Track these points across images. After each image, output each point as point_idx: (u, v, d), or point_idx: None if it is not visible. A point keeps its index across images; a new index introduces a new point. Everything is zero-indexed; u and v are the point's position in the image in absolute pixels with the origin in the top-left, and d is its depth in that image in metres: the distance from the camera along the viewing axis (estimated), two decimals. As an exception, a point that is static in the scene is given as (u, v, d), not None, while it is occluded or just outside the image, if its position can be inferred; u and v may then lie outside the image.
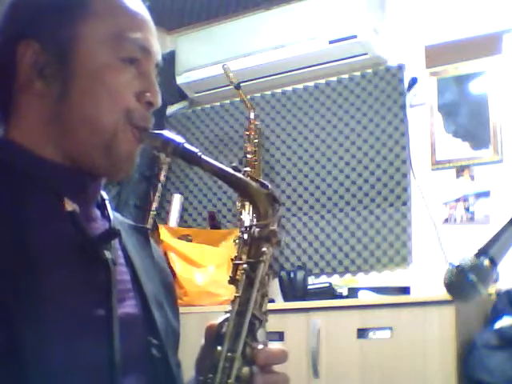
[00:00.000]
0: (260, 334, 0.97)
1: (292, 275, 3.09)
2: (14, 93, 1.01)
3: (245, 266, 1.00)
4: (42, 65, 0.98)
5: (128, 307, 1.00)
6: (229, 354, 0.94)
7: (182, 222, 3.70)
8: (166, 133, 1.02)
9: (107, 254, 0.98)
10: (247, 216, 3.23)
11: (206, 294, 3.06)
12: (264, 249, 1.00)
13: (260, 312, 1.00)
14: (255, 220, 1.02)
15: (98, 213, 1.06)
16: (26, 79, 0.99)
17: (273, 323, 3.34)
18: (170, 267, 3.16)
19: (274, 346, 0.99)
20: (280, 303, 3.05)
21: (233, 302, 0.98)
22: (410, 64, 3.28)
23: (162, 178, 3.70)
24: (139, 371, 0.99)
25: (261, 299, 1.00)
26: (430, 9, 3.24)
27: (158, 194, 3.66)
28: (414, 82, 3.24)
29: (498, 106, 3.04)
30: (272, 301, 3.18)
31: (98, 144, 0.99)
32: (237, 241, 3.10)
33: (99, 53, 0.99)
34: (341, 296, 2.93)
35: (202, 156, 1.00)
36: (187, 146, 1.00)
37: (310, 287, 3.07)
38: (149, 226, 3.49)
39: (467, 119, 3.12)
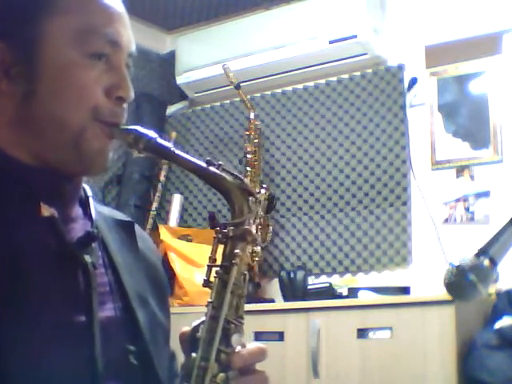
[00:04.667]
0: (235, 339, 0.94)
1: (292, 275, 3.10)
2: None
3: (218, 269, 0.96)
4: (8, 65, 0.97)
5: (109, 310, 0.99)
6: (202, 363, 0.91)
7: (182, 221, 3.70)
8: (139, 128, 0.98)
9: (87, 258, 0.97)
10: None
11: (206, 294, 3.05)
12: (237, 250, 0.96)
13: (235, 316, 0.96)
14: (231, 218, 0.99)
15: (79, 212, 1.04)
16: None
17: (273, 323, 3.35)
18: (170, 267, 3.17)
19: (251, 345, 0.96)
20: (280, 303, 3.05)
21: (207, 306, 0.95)
22: (410, 64, 3.28)
23: (162, 178, 3.70)
24: (120, 377, 0.98)
25: (236, 302, 0.96)
26: (430, 9, 3.24)
27: (158, 194, 3.66)
28: (413, 82, 3.24)
29: (498, 106, 3.04)
30: (272, 301, 3.18)
31: (66, 143, 0.97)
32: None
33: (65, 50, 0.97)
34: (341, 296, 2.93)
35: (176, 150, 0.97)
36: (160, 140, 0.98)
37: (310, 287, 3.07)
38: (149, 225, 3.49)
39: (467, 119, 3.12)
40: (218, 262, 0.98)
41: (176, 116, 3.91)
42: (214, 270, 0.97)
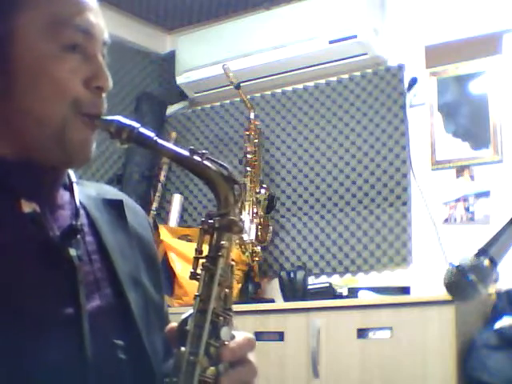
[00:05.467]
0: (224, 332, 0.92)
1: (292, 275, 3.10)
2: None
3: (204, 261, 0.95)
4: None
5: (99, 299, 0.99)
6: (191, 358, 0.90)
7: (182, 221, 3.70)
8: (120, 118, 0.96)
9: (71, 251, 0.97)
10: (247, 216, 3.24)
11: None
12: (223, 242, 0.95)
13: (223, 308, 0.94)
14: (216, 208, 0.97)
15: (66, 197, 1.04)
16: None
17: (273, 323, 3.34)
18: (170, 267, 3.17)
19: (239, 335, 0.94)
20: (280, 303, 3.05)
21: (194, 299, 0.93)
22: (410, 64, 3.28)
23: (162, 178, 3.71)
24: (110, 371, 0.97)
25: (224, 294, 0.95)
26: (430, 9, 3.24)
27: (158, 194, 3.66)
28: (413, 82, 3.24)
29: (498, 106, 3.04)
30: (272, 301, 3.18)
31: (47, 138, 0.97)
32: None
33: (38, 44, 0.96)
34: (341, 296, 2.93)
35: (158, 140, 0.96)
36: (142, 130, 0.96)
37: (309, 287, 3.07)
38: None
39: (467, 119, 3.13)
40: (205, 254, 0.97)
41: (176, 116, 3.91)
42: (200, 262, 0.96)
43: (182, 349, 0.91)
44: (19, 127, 0.97)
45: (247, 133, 3.42)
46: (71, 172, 1.07)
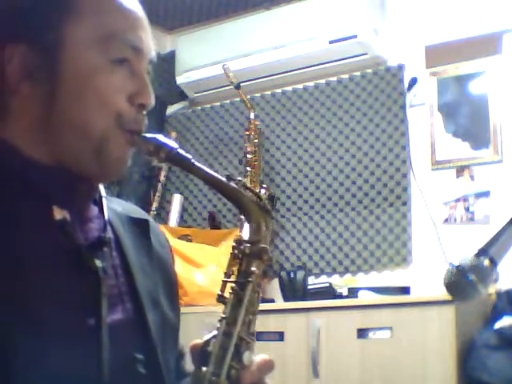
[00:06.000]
0: (246, 356, 0.94)
1: (292, 275, 3.10)
2: (5, 95, 0.99)
3: (233, 285, 0.97)
4: (30, 68, 0.97)
5: (120, 313, 0.99)
6: (213, 378, 0.91)
7: (182, 221, 3.70)
8: (160, 137, 0.98)
9: (97, 262, 0.97)
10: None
11: (206, 294, 3.05)
12: (253, 268, 0.97)
13: (247, 333, 0.96)
14: (248, 235, 1.00)
15: (95, 211, 1.04)
16: (14, 82, 0.97)
17: (273, 323, 3.33)
18: (170, 267, 3.16)
19: (259, 358, 0.96)
20: (280, 303, 3.05)
21: (220, 321, 0.95)
22: (410, 64, 3.28)
23: (162, 178, 3.70)
24: (127, 382, 0.98)
25: (249, 319, 0.97)
26: (430, 9, 3.24)
27: (158, 194, 3.66)
28: (413, 82, 3.24)
29: (498, 106, 3.04)
30: (272, 301, 3.18)
31: (87, 149, 0.97)
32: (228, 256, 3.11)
33: (87, 54, 0.97)
34: (341, 296, 2.93)
35: (195, 162, 0.98)
36: (180, 151, 0.98)
37: (309, 287, 3.07)
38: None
39: (467, 119, 3.13)
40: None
41: (176, 116, 3.91)
42: (228, 285, 0.98)
43: (204, 369, 0.93)
44: (59, 134, 0.98)
45: (247, 133, 3.42)
46: (101, 187, 1.07)
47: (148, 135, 0.99)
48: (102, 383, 0.92)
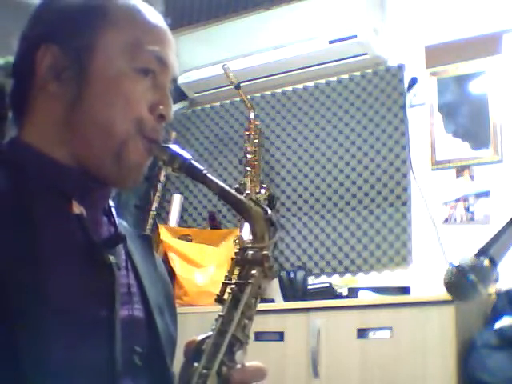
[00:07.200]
0: (239, 356, 0.96)
1: (292, 275, 3.09)
2: (30, 94, 1.03)
3: (232, 286, 1.00)
4: (60, 68, 1.01)
5: (131, 310, 1.02)
6: (203, 371, 0.93)
7: (182, 221, 3.70)
8: (174, 147, 1.03)
9: (112, 258, 1.00)
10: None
11: (206, 294, 3.05)
12: (254, 271, 0.99)
13: (242, 334, 0.98)
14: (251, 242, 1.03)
15: (104, 219, 1.08)
16: (42, 81, 1.01)
17: (273, 323, 3.33)
18: (170, 267, 3.17)
19: (252, 363, 0.98)
20: (280, 303, 3.05)
21: (216, 320, 0.98)
22: (410, 64, 3.28)
23: (162, 178, 3.70)
24: (138, 375, 1.00)
25: (245, 321, 0.98)
26: (430, 9, 3.24)
27: (158, 194, 3.66)
28: (413, 82, 3.24)
29: (498, 106, 3.04)
30: (272, 301, 3.18)
31: (108, 150, 1.01)
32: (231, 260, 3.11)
33: (116, 61, 1.01)
34: (341, 296, 2.93)
35: (207, 174, 1.02)
36: (194, 162, 1.02)
37: (309, 287, 3.07)
38: (149, 225, 3.49)
39: (467, 119, 3.12)
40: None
41: (176, 116, 3.91)
42: (228, 288, 1.01)
43: (195, 364, 0.94)
44: (82, 135, 1.01)
45: (247, 133, 3.42)
46: (110, 200, 1.11)
47: (164, 145, 1.03)
48: (115, 374, 0.94)
